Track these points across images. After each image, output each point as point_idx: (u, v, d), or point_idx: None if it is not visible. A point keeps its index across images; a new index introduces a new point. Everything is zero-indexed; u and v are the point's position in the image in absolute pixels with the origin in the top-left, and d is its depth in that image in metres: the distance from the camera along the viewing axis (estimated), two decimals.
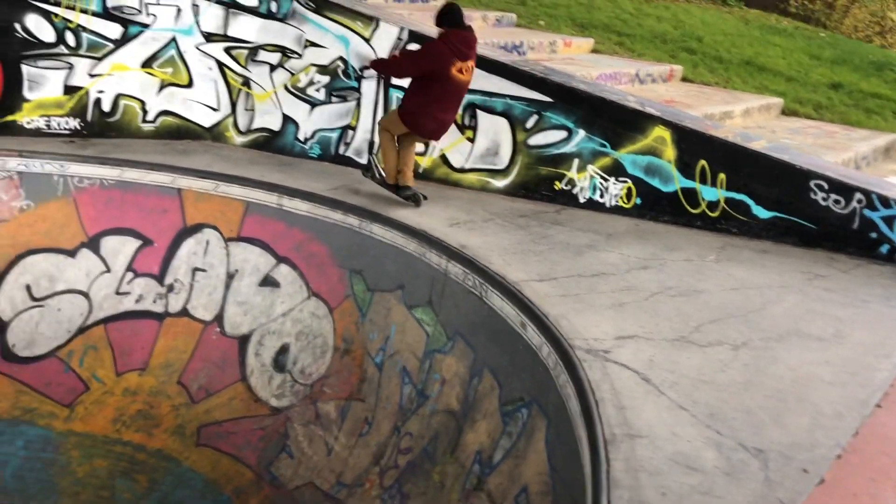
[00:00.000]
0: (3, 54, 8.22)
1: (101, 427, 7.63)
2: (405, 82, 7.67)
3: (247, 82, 8.99)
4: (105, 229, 7.91)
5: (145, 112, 8.89)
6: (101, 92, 8.67)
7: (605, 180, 7.50)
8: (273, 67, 8.83)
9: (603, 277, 5.94)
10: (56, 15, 8.32)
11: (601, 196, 7.55)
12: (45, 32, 8.34)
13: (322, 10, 8.55)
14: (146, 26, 8.65)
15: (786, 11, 18.98)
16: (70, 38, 8.42)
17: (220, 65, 8.94)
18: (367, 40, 8.36)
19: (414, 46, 8.10)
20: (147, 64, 8.76)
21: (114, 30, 8.55)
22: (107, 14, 8.49)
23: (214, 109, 9.08)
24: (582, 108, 7.55)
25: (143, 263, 7.92)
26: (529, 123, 7.77)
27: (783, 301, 5.73)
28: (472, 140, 8.07)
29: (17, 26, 8.21)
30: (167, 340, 7.84)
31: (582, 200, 7.64)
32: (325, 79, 8.58)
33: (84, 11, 8.41)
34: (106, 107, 8.72)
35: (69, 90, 8.55)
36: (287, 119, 8.87)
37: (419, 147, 8.20)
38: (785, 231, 6.89)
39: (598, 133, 7.48)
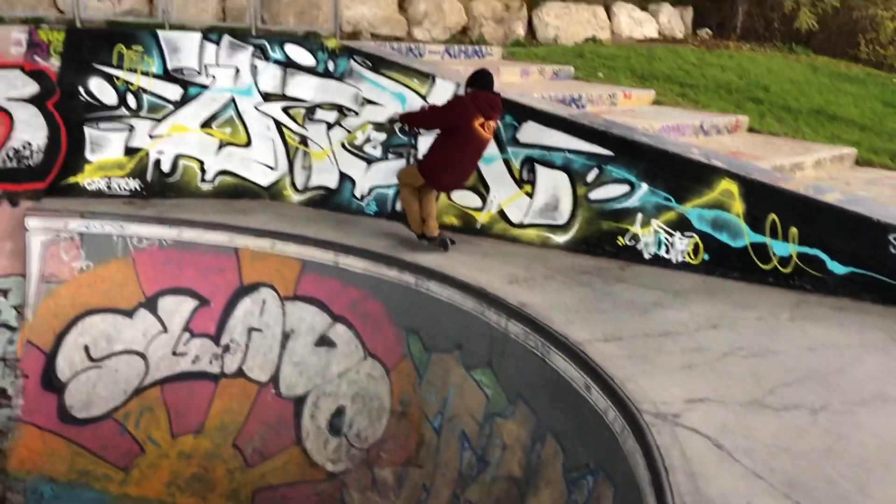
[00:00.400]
0: (67, 117, 8.61)
1: (155, 491, 7.73)
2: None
3: (304, 141, 9.22)
4: (163, 289, 8.13)
5: (204, 172, 9.17)
6: (160, 153, 8.99)
7: (671, 235, 7.43)
8: (330, 125, 9.06)
9: (671, 337, 5.84)
10: (118, 78, 8.70)
11: (667, 252, 7.48)
12: (108, 95, 8.72)
13: (379, 69, 8.77)
14: (205, 87, 8.98)
15: (856, 57, 18.74)
16: (131, 100, 8.79)
17: (278, 124, 9.20)
18: (423, 97, 8.52)
19: None
20: (206, 124, 9.07)
21: (174, 91, 8.90)
22: (167, 76, 8.85)
23: (272, 168, 9.32)
24: (644, 161, 7.54)
25: (200, 323, 8.09)
26: (590, 177, 7.78)
27: (864, 362, 5.55)
28: (530, 195, 8.10)
29: (81, 90, 8.61)
30: (222, 402, 7.95)
31: (647, 256, 7.57)
32: (382, 136, 8.75)
33: (145, 74, 8.78)
34: (165, 167, 9.03)
35: (130, 151, 8.89)
36: (344, 176, 9.05)
37: (477, 202, 8.29)
38: (863, 287, 6.70)
39: (661, 187, 7.45)
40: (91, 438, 7.83)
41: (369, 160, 8.86)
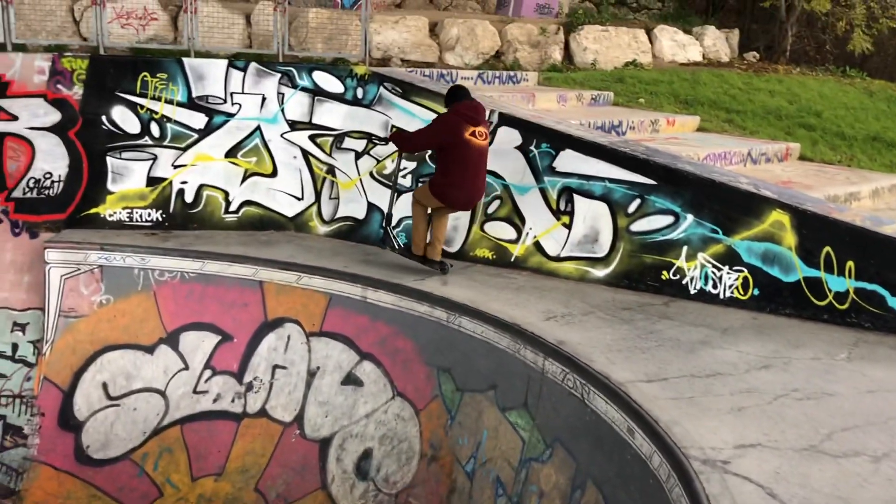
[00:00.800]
0: (88, 147, 8.77)
1: None
2: None
3: (331, 170, 9.30)
4: (184, 324, 8.19)
5: (228, 202, 9.28)
6: (184, 183, 9.11)
7: (718, 269, 7.36)
8: (358, 154, 9.14)
9: (719, 378, 5.76)
10: (142, 106, 8.86)
11: (714, 287, 7.40)
12: (131, 124, 8.88)
13: (409, 95, 8.86)
14: (231, 115, 9.12)
15: None
16: (155, 129, 8.94)
17: (305, 153, 9.30)
18: None
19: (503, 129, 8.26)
20: (231, 153, 9.19)
21: (198, 120, 9.04)
22: (192, 104, 9.01)
23: (298, 199, 9.41)
24: (689, 190, 7.50)
25: (222, 360, 8.13)
26: (631, 208, 7.74)
27: None
28: (568, 226, 8.08)
29: (104, 118, 8.78)
30: (244, 443, 7.95)
31: (692, 291, 7.50)
32: (412, 164, 8.80)
33: (169, 102, 8.93)
34: (189, 198, 9.14)
35: (152, 182, 9.03)
36: (372, 207, 9.11)
37: (511, 234, 8.28)
38: None
39: (708, 218, 7.39)
40: (108, 480, 7.86)
41: (399, 190, 8.90)
